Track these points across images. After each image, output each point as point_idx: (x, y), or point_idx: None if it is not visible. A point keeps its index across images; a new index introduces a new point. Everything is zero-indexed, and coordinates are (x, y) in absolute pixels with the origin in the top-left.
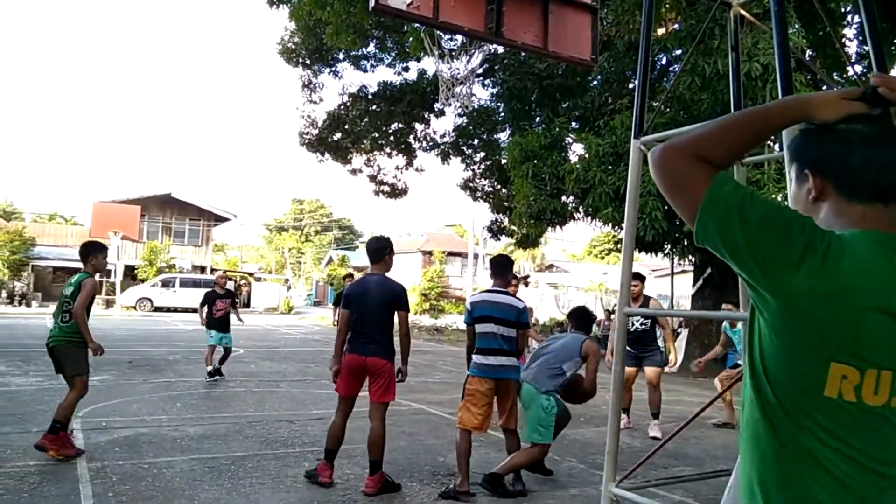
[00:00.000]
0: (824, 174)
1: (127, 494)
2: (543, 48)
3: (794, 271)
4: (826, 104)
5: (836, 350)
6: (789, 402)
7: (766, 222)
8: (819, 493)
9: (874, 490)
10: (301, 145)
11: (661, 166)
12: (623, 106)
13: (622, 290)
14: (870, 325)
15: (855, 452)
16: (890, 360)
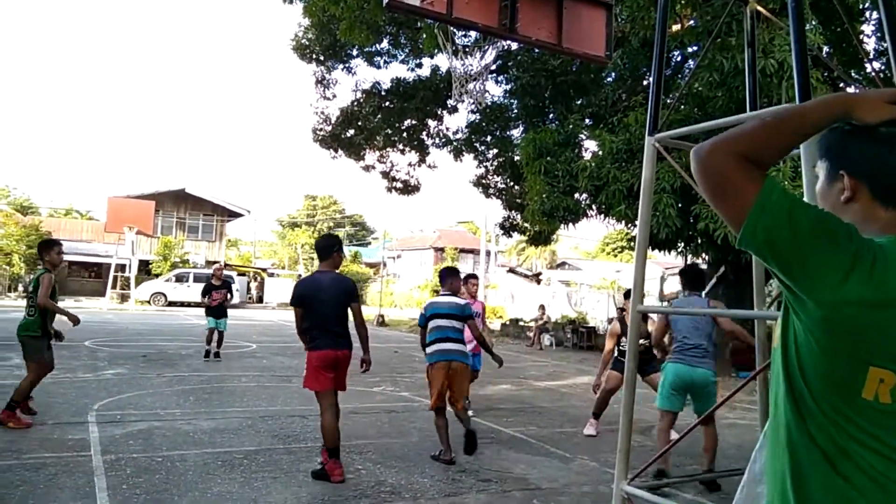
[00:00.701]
0: (859, 176)
1: (141, 487)
2: (557, 44)
3: (843, 281)
4: (868, 106)
5: (876, 355)
6: (826, 403)
7: (816, 231)
8: (853, 491)
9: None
10: (314, 142)
11: (707, 166)
12: (637, 103)
13: (636, 288)
14: None
15: (891, 452)
16: None
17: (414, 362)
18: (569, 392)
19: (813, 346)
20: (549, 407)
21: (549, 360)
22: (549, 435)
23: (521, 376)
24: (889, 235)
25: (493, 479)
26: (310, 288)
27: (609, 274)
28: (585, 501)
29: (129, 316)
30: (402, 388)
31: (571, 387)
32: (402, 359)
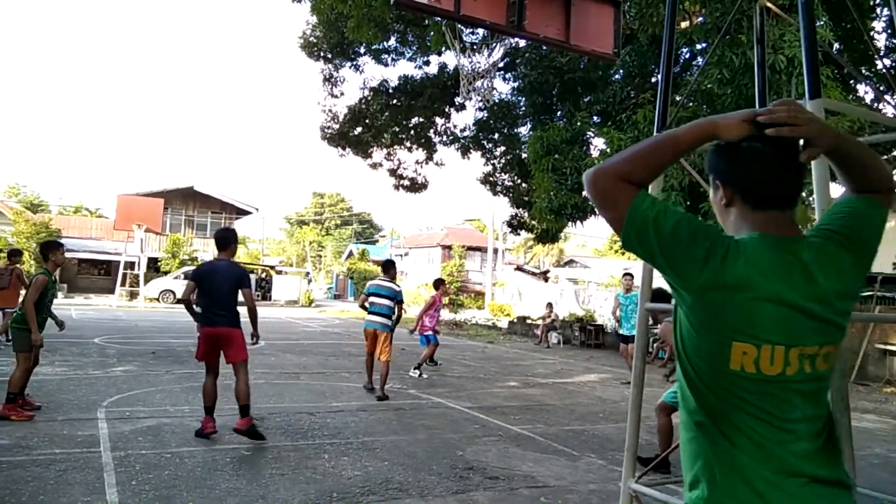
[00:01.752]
0: (732, 185)
1: (150, 483)
2: (565, 42)
3: (700, 270)
4: (730, 126)
5: (737, 331)
6: (704, 375)
7: (675, 233)
8: (735, 449)
9: (781, 444)
10: (322, 140)
11: (592, 187)
12: (646, 100)
13: (643, 286)
14: (763, 311)
15: (764, 414)
16: (780, 337)
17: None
18: (576, 390)
19: (689, 327)
20: (557, 405)
21: (557, 358)
22: (556, 433)
23: (528, 374)
24: (755, 233)
25: (501, 477)
26: (207, 271)
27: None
28: (593, 499)
29: (138, 313)
30: (410, 385)
31: (579, 385)
32: (409, 357)
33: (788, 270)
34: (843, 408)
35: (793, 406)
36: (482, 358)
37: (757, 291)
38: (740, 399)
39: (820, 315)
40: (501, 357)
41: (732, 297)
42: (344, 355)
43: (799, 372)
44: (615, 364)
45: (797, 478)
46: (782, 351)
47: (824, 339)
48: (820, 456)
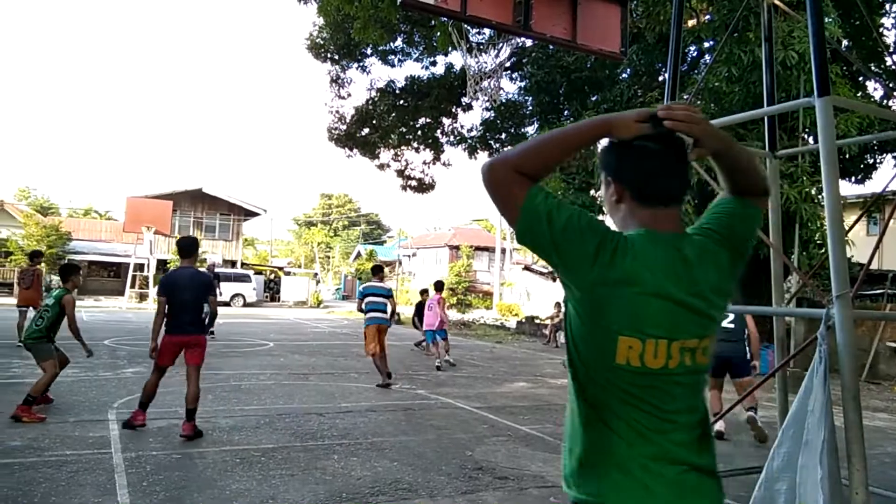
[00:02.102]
0: (622, 182)
1: (161, 484)
2: (572, 41)
3: (590, 266)
4: (623, 125)
5: (623, 326)
6: (591, 367)
7: (568, 227)
8: (616, 436)
9: (662, 434)
10: (330, 140)
11: (489, 179)
12: (653, 99)
13: None
14: (648, 306)
15: (646, 405)
16: (664, 331)
17: (430, 360)
18: None
19: (578, 320)
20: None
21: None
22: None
23: (537, 374)
24: (643, 229)
25: (510, 477)
26: (174, 281)
27: None
28: None
29: (148, 315)
30: (419, 385)
31: None
32: (417, 357)
33: (673, 266)
34: (854, 406)
35: (674, 398)
36: (491, 358)
37: (643, 287)
38: (625, 391)
39: (699, 310)
40: (510, 357)
41: (620, 293)
42: (352, 356)
43: (680, 365)
44: None
45: (677, 465)
46: (665, 345)
47: (703, 332)
48: (698, 445)
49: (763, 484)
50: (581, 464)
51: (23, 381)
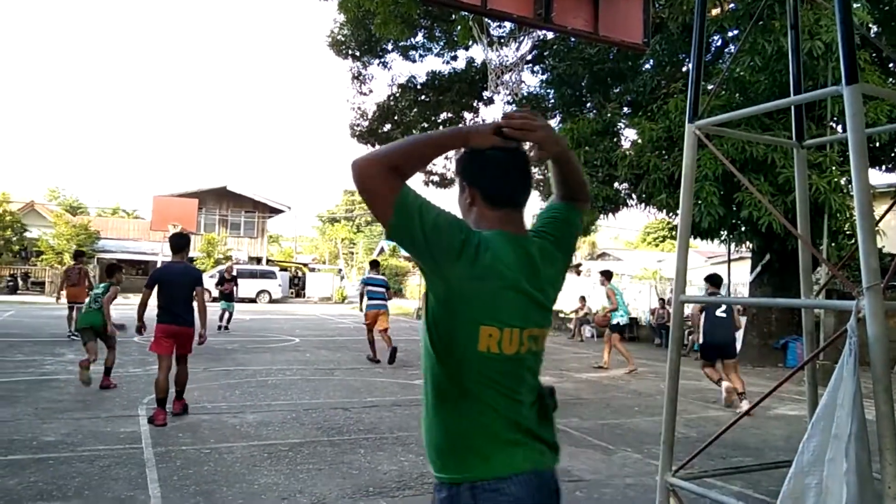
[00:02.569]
0: (475, 186)
1: (191, 478)
2: (594, 33)
3: (456, 260)
4: (479, 136)
5: (484, 316)
6: (453, 354)
7: (437, 224)
8: (479, 417)
9: (516, 413)
10: (352, 137)
11: (361, 177)
12: (677, 89)
13: (678, 277)
14: (506, 298)
15: (500, 387)
16: (518, 320)
17: None
18: (611, 384)
19: (441, 310)
20: (591, 399)
21: (591, 352)
22: (591, 427)
23: (561, 368)
24: (495, 229)
25: None
26: (165, 274)
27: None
28: (629, 493)
29: None
30: None
31: (613, 378)
32: None
33: (522, 262)
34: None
35: (523, 380)
36: None
37: (503, 281)
38: (483, 376)
39: (542, 302)
40: None
41: (482, 286)
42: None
43: (528, 351)
44: (650, 357)
45: (528, 440)
46: (518, 333)
47: (544, 322)
48: (540, 421)
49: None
50: (443, 446)
51: (55, 377)
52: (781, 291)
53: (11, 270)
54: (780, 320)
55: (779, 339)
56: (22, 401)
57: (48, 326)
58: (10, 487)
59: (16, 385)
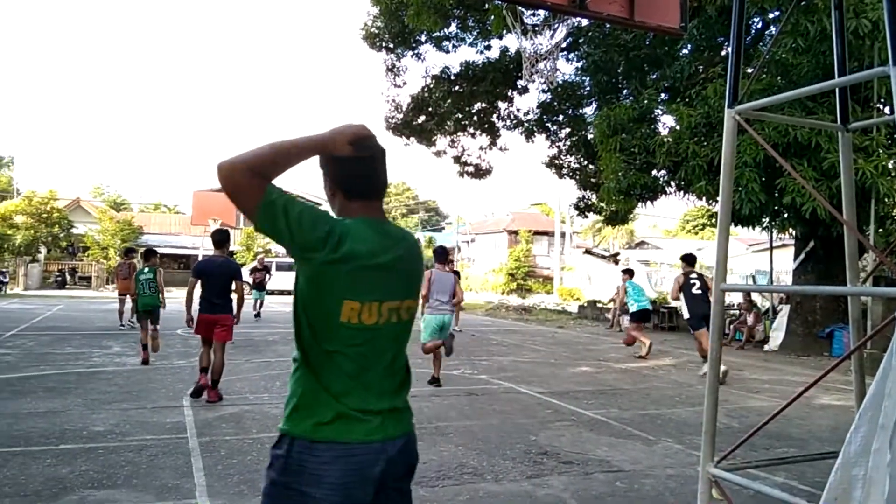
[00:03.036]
0: (336, 182)
1: (234, 467)
2: (629, 19)
3: (321, 249)
4: (336, 144)
5: (347, 292)
6: (317, 325)
7: (300, 219)
8: (336, 382)
9: (373, 378)
10: (387, 130)
11: (227, 179)
12: (716, 74)
13: (718, 266)
14: (365, 276)
15: (359, 356)
16: (377, 295)
17: (491, 345)
18: (650, 374)
19: (309, 287)
20: (631, 389)
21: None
22: (631, 417)
23: (600, 358)
24: (356, 217)
25: (575, 462)
26: (206, 267)
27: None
28: (671, 484)
29: None
30: (481, 371)
31: (653, 368)
32: (479, 342)
33: (382, 243)
34: None
35: (384, 349)
36: (552, 343)
37: (362, 261)
38: (343, 344)
39: (400, 276)
40: (572, 342)
41: (344, 267)
42: (413, 341)
43: (388, 321)
44: (690, 347)
45: (382, 404)
46: (377, 306)
47: (405, 295)
48: (398, 388)
49: (839, 469)
50: (299, 405)
51: (103, 369)
52: (826, 279)
53: (59, 266)
54: (824, 308)
55: (824, 328)
56: (72, 392)
57: (96, 319)
58: (62, 476)
59: (66, 377)
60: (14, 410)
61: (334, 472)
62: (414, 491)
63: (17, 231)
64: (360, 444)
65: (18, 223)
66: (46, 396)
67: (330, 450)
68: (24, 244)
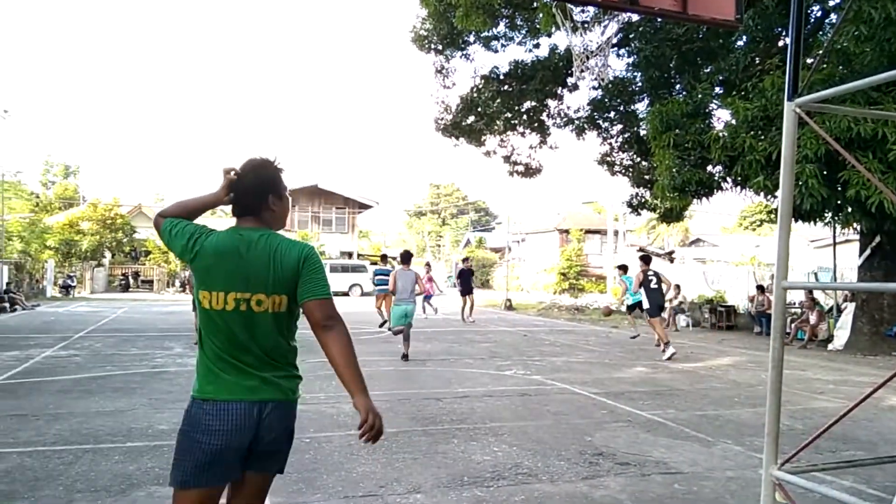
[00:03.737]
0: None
1: (292, 465)
2: (682, 12)
3: (188, 253)
4: (221, 196)
5: (202, 283)
6: (198, 308)
7: (172, 236)
8: (206, 352)
9: (234, 351)
10: (436, 131)
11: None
12: (773, 66)
13: (779, 263)
14: (214, 272)
15: (222, 334)
16: (222, 287)
17: (544, 346)
18: (708, 374)
19: (195, 282)
20: (688, 389)
21: (686, 342)
22: (688, 418)
23: (656, 358)
24: (231, 227)
25: (632, 463)
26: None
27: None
28: (731, 486)
29: None
30: (534, 371)
31: (711, 369)
32: (531, 342)
33: (236, 248)
34: None
35: (237, 331)
36: (606, 343)
37: (212, 260)
38: (211, 323)
39: (248, 276)
40: (627, 342)
41: (200, 265)
42: (466, 342)
43: (235, 309)
44: (749, 346)
45: (245, 374)
46: (223, 295)
47: (252, 288)
48: (262, 362)
49: None
50: (196, 372)
51: (165, 370)
52: (894, 275)
53: (123, 270)
54: (893, 306)
55: (892, 326)
56: (137, 392)
57: (158, 322)
58: (129, 472)
59: (131, 377)
60: (84, 409)
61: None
62: (469, 490)
63: (84, 237)
64: (218, 401)
65: (84, 229)
66: (114, 396)
67: (200, 406)
68: (90, 249)
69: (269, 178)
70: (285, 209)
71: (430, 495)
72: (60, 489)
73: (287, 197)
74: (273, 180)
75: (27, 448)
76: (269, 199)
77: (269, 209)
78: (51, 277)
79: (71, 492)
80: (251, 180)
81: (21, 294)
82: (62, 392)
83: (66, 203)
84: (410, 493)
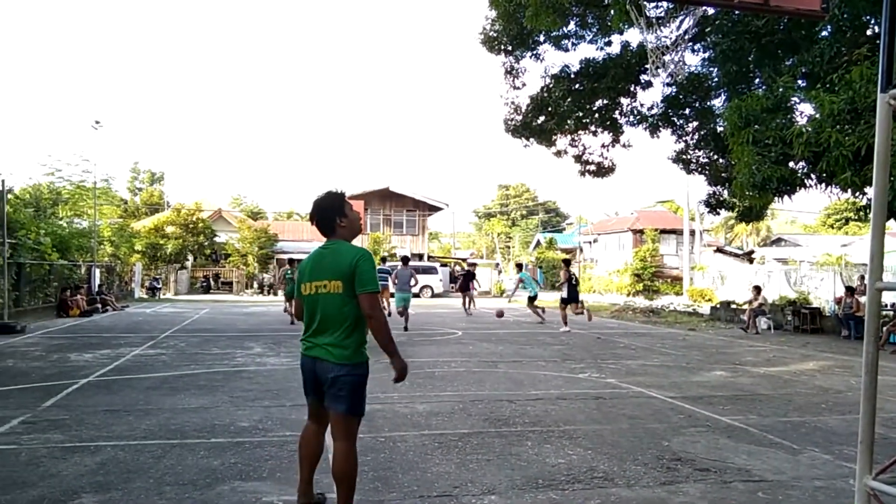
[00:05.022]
0: None
1: (368, 464)
2: (763, 4)
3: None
4: None
5: (303, 279)
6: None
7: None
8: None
9: (313, 324)
10: (506, 132)
11: None
12: (861, 56)
13: (873, 263)
14: (306, 271)
15: (308, 311)
16: (308, 279)
17: (618, 348)
18: (792, 379)
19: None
20: (771, 395)
21: (768, 345)
22: (771, 424)
23: (736, 362)
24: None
25: (712, 469)
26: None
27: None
28: (819, 497)
29: None
30: (608, 374)
31: (795, 373)
32: (604, 345)
33: (315, 259)
34: None
35: (318, 309)
36: (683, 346)
37: (306, 266)
38: (305, 304)
39: (321, 271)
40: (705, 345)
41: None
42: (538, 343)
43: (317, 292)
44: (836, 350)
45: (317, 339)
46: (310, 284)
47: (323, 278)
48: (327, 333)
49: None
50: None
51: (245, 369)
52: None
53: (204, 272)
54: None
55: None
56: (219, 390)
57: (238, 322)
58: (214, 467)
59: (214, 376)
60: (171, 406)
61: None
62: (543, 493)
63: (168, 241)
64: (303, 357)
65: (169, 233)
66: (198, 393)
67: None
68: (174, 253)
69: (332, 206)
70: (353, 222)
71: (505, 497)
72: (151, 482)
73: (352, 213)
74: (336, 207)
75: (120, 442)
76: (336, 220)
77: (340, 227)
78: (138, 280)
79: (160, 484)
80: (320, 213)
81: (112, 296)
82: (151, 389)
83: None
84: (485, 495)
